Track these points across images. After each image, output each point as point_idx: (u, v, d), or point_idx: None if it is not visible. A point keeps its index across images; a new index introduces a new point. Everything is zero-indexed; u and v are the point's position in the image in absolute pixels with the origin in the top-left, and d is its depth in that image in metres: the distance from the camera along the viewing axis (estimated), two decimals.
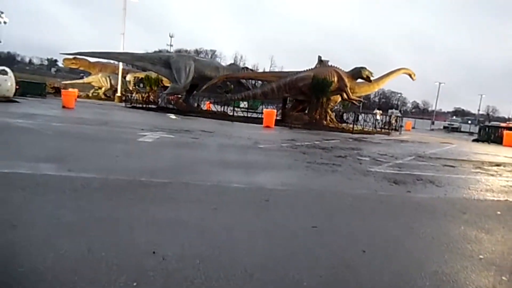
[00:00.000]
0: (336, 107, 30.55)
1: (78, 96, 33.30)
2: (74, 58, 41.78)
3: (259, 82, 32.10)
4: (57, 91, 36.73)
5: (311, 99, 23.99)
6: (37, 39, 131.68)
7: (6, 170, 5.18)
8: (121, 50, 35.65)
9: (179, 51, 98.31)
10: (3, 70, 18.90)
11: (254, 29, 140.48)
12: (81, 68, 42.46)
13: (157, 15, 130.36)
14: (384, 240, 3.99)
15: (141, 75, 42.64)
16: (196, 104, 29.97)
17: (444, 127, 53.53)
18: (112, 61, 44.02)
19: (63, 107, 19.13)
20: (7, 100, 18.73)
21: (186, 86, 27.20)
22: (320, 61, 25.90)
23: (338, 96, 25.63)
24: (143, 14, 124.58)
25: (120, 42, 37.17)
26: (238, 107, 32.30)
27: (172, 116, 22.56)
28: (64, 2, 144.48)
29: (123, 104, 31.02)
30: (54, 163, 5.94)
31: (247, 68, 31.73)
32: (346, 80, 24.46)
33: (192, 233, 3.63)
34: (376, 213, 5.04)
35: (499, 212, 5.59)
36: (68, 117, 14.02)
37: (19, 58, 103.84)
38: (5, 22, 30.92)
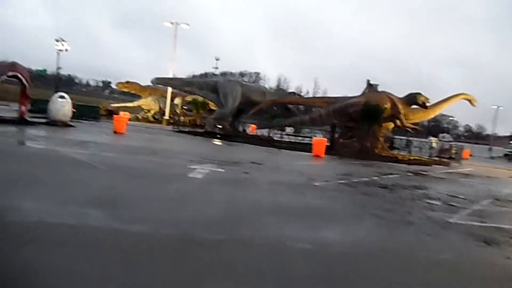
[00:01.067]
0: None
1: (129, 119, 34.49)
2: (126, 82, 43.79)
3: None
4: (109, 114, 38.33)
5: (362, 126, 22.85)
6: (94, 62, 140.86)
7: (48, 219, 4.78)
8: (170, 75, 36.73)
9: (224, 73, 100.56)
10: (62, 95, 19.71)
11: (298, 51, 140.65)
12: (133, 91, 44.23)
13: (203, 39, 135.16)
14: None
15: (189, 98, 43.57)
16: (242, 129, 29.73)
17: (505, 155, 49.41)
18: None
19: (115, 132, 19.50)
20: (64, 124, 19.43)
21: (232, 111, 27.14)
22: (369, 85, 24.81)
23: (391, 123, 24.30)
24: (190, 38, 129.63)
25: (169, 66, 38.26)
26: (284, 131, 31.76)
27: (218, 142, 22.36)
28: (118, 29, 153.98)
29: (171, 127, 31.51)
30: (100, 209, 5.51)
31: (294, 93, 31.25)
32: (400, 106, 23.11)
33: None
34: None
35: None
36: (119, 146, 14.06)
37: (77, 80, 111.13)
38: (66, 50, 32.89)
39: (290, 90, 32.82)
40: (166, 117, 37.00)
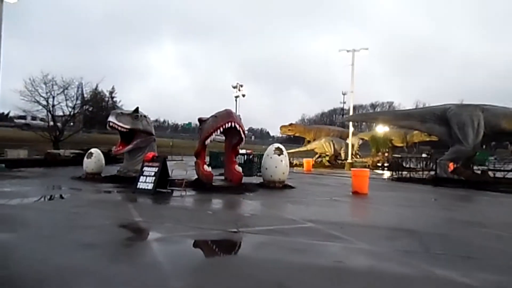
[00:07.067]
0: None
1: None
2: (290, 125, 39.91)
3: None
4: None
5: None
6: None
7: None
8: (351, 108, 30.91)
9: (353, 107, 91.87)
10: (279, 148, 14.88)
11: (435, 74, 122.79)
12: (297, 134, 39.99)
13: (323, 79, 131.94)
14: None
15: (366, 136, 37.25)
16: (479, 170, 21.37)
17: None
18: (326, 125, 40.32)
19: (355, 192, 13.58)
20: (283, 186, 14.52)
21: (476, 147, 19.34)
22: None
23: None
24: (310, 78, 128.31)
25: (349, 98, 32.44)
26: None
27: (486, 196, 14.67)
28: (245, 81, 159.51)
29: (380, 173, 24.93)
30: None
31: None
32: None
33: None
34: None
35: None
36: (428, 234, 7.70)
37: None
38: (243, 95, 30.09)
39: None
40: (349, 160, 30.83)
